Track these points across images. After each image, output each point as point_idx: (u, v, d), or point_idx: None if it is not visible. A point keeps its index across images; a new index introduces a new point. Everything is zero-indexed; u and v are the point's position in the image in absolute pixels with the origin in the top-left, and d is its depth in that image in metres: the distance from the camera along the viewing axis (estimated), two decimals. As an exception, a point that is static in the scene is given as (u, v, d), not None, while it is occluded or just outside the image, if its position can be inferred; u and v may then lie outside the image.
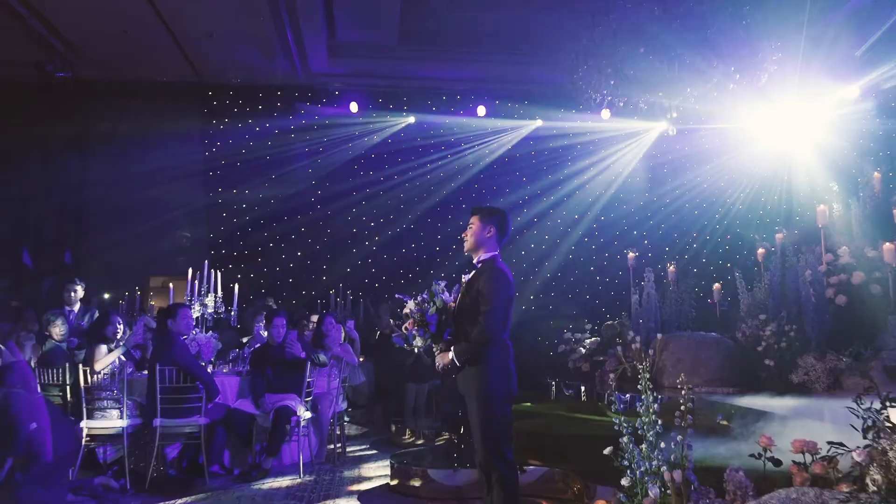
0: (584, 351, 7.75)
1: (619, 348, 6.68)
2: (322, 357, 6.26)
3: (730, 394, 5.62)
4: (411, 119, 11.88)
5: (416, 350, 3.86)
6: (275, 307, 8.63)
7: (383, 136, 11.95)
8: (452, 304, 3.78)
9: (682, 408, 3.24)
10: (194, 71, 11.26)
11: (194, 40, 10.25)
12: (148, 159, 11.00)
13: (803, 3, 8.93)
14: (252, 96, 11.65)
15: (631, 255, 7.95)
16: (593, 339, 7.98)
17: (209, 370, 6.23)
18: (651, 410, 3.34)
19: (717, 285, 7.62)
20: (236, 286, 7.48)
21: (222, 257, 11.04)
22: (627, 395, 5.84)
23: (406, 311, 3.78)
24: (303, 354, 6.05)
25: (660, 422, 3.28)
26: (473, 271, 3.80)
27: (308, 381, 6.04)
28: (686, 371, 6.07)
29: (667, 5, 7.25)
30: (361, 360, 8.50)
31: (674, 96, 7.96)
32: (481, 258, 3.80)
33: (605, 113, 11.73)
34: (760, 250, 7.04)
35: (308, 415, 6.07)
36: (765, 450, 3.19)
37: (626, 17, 7.38)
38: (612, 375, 6.58)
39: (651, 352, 6.40)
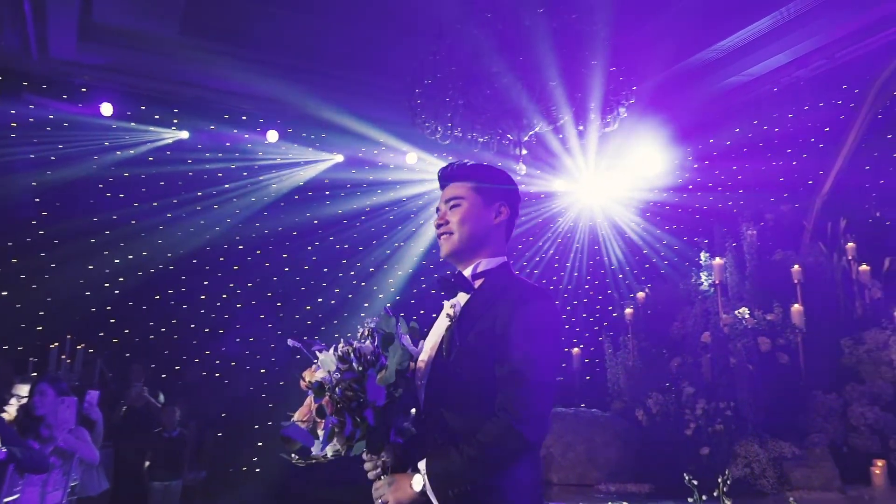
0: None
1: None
2: (36, 454, 3.79)
3: (650, 494, 4.42)
4: (184, 134, 9.57)
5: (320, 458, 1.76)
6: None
7: (142, 151, 9.44)
8: (413, 364, 1.87)
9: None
10: None
11: None
12: None
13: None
14: (-43, 76, 8.49)
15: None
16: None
17: None
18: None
19: (576, 350, 6.62)
20: None
21: None
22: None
23: (314, 377, 1.77)
24: (1, 453, 3.55)
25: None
26: (466, 293, 1.96)
27: (5, 501, 3.57)
28: (581, 462, 4.82)
29: (536, 22, 6.37)
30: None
31: (523, 130, 7.04)
32: (481, 267, 1.99)
33: (412, 156, 10.68)
34: (629, 310, 6.17)
35: (1, 560, 3.56)
36: None
37: (487, 29, 6.32)
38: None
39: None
